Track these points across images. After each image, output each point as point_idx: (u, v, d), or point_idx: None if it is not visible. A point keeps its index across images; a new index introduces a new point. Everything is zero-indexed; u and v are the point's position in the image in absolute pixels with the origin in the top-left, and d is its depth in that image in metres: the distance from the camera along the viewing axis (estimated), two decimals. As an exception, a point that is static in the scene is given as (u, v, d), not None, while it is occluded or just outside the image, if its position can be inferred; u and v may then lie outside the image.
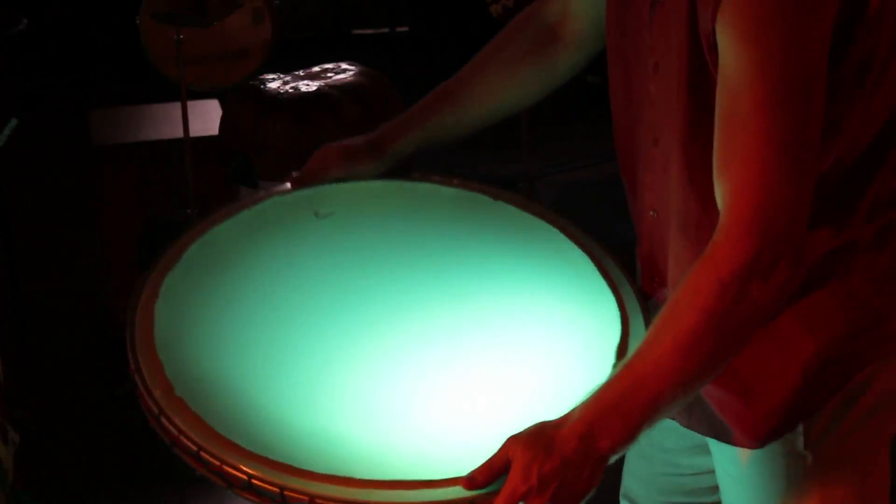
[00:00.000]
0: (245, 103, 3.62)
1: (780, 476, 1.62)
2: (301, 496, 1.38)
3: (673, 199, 1.58)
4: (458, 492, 1.39)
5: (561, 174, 4.85)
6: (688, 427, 1.70)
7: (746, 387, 1.59)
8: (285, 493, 1.38)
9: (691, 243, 1.57)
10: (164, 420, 1.46)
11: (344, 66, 3.82)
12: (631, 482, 1.92)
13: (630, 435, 1.40)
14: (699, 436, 1.73)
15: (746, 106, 1.38)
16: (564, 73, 1.83)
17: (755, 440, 1.61)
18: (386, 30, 6.71)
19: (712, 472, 1.77)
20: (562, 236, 1.77)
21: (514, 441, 1.39)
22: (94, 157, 3.92)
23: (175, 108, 3.81)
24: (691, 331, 1.39)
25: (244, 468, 1.40)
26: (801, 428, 1.59)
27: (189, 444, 1.43)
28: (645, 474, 1.88)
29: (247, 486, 1.40)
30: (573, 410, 1.41)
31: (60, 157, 5.28)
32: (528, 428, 1.40)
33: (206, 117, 4.01)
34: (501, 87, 1.82)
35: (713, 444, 1.70)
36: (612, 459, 1.41)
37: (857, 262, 1.56)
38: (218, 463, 1.41)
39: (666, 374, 1.39)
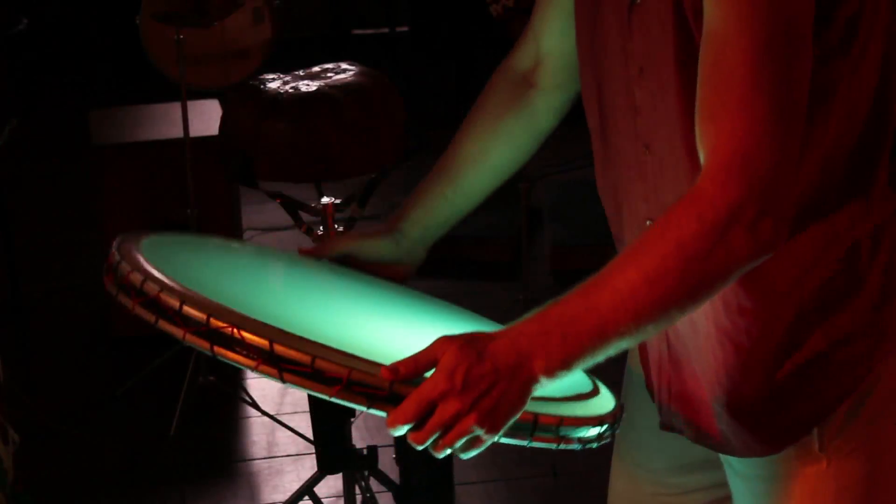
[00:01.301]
0: (245, 103, 3.61)
1: (795, 480, 1.59)
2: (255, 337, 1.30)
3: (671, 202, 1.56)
4: (376, 370, 1.32)
5: (561, 174, 4.84)
6: (695, 441, 1.67)
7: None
8: (211, 319, 1.31)
9: None
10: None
11: (344, 66, 3.81)
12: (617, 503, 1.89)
13: (568, 362, 1.33)
14: (688, 455, 1.72)
15: (733, 57, 1.36)
16: (548, 118, 1.81)
17: (769, 447, 1.59)
18: (386, 30, 6.72)
19: (700, 490, 1.76)
20: None
21: (445, 341, 1.33)
22: (94, 157, 3.92)
23: (175, 108, 3.81)
24: (659, 262, 1.33)
25: (151, 275, 1.36)
26: (815, 431, 1.57)
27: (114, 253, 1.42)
28: (631, 495, 1.85)
29: (152, 302, 1.34)
30: (513, 324, 1.36)
31: (60, 157, 5.28)
32: (463, 333, 1.35)
33: (206, 117, 4.01)
34: (488, 144, 1.80)
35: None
36: (540, 387, 1.34)
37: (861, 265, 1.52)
38: (128, 270, 1.38)
39: (621, 303, 1.33)
